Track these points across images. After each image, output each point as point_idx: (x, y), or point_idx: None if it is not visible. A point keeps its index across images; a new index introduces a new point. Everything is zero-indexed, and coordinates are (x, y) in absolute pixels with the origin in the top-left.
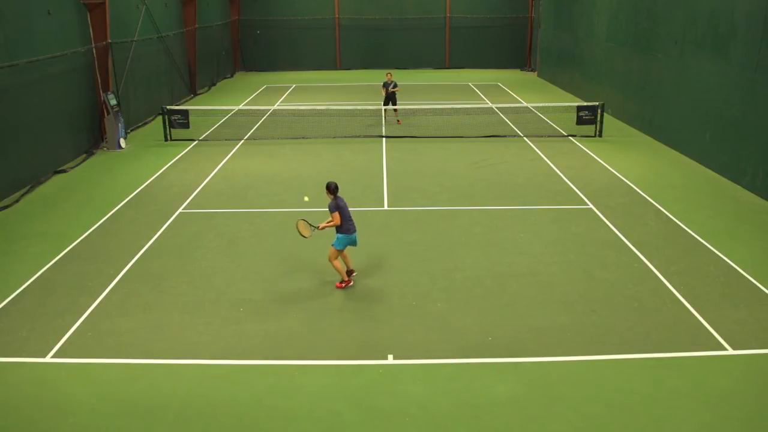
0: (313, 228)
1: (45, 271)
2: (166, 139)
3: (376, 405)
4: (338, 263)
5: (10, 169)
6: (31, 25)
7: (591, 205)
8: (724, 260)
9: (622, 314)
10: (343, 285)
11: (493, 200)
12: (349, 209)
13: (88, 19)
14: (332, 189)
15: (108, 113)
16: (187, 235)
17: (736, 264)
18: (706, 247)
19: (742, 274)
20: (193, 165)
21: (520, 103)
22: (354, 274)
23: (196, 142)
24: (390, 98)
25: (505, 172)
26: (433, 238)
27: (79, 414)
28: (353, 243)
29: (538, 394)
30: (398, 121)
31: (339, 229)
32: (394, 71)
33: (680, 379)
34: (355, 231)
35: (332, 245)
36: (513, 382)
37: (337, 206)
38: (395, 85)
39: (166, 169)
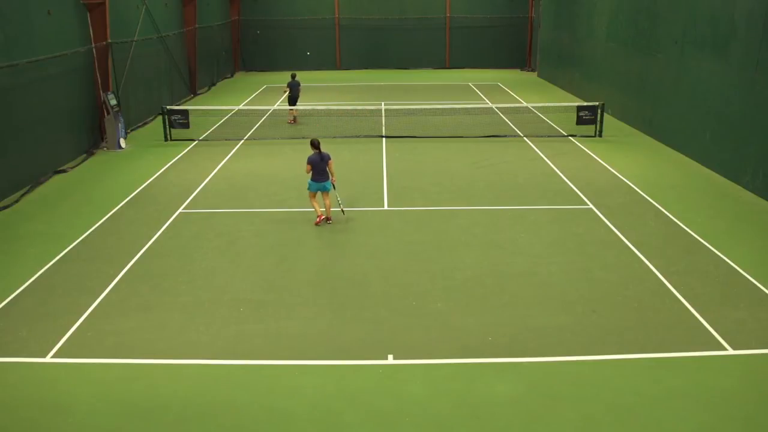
0: (339, 202)
1: (45, 271)
2: (166, 139)
3: (376, 405)
4: (314, 203)
5: (10, 169)
6: (31, 25)
7: (591, 205)
8: (724, 260)
9: (622, 314)
10: (317, 221)
11: (493, 200)
12: (351, 208)
13: (88, 19)
14: (313, 144)
15: (108, 113)
16: (187, 235)
17: (736, 264)
18: (706, 247)
19: (742, 274)
20: (193, 165)
21: (520, 103)
22: (329, 221)
23: (196, 142)
24: (297, 98)
25: (505, 172)
26: (433, 238)
27: (79, 414)
28: (321, 189)
29: (538, 394)
30: (295, 119)
31: (312, 176)
32: (394, 71)
33: (680, 379)
34: (322, 181)
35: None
36: (513, 382)
37: (309, 160)
38: (299, 85)
39: (166, 169)
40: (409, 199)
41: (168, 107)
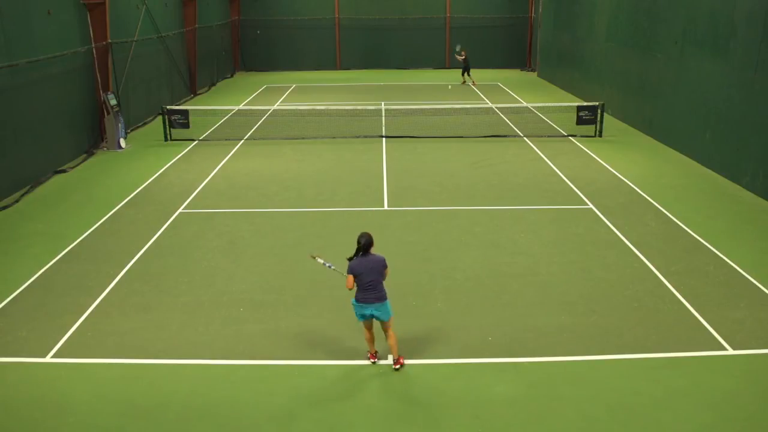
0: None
1: (45, 271)
2: (166, 139)
3: (376, 405)
4: (367, 337)
5: (10, 169)
6: (31, 25)
7: (591, 205)
8: (724, 260)
9: (622, 314)
10: (370, 357)
11: (493, 200)
12: (351, 208)
13: (88, 19)
14: (363, 244)
15: (108, 113)
16: (187, 235)
17: (736, 264)
18: (706, 247)
19: (742, 274)
20: (193, 165)
21: (520, 103)
22: (373, 360)
23: (196, 142)
24: None
25: (505, 172)
26: (433, 238)
27: (79, 414)
28: (371, 314)
29: (538, 394)
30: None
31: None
32: (394, 71)
33: (680, 379)
34: (370, 300)
35: None
36: (513, 382)
37: (350, 269)
38: None
39: (166, 169)
40: (409, 199)
41: (168, 107)
